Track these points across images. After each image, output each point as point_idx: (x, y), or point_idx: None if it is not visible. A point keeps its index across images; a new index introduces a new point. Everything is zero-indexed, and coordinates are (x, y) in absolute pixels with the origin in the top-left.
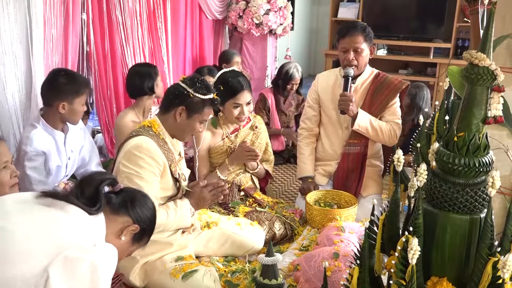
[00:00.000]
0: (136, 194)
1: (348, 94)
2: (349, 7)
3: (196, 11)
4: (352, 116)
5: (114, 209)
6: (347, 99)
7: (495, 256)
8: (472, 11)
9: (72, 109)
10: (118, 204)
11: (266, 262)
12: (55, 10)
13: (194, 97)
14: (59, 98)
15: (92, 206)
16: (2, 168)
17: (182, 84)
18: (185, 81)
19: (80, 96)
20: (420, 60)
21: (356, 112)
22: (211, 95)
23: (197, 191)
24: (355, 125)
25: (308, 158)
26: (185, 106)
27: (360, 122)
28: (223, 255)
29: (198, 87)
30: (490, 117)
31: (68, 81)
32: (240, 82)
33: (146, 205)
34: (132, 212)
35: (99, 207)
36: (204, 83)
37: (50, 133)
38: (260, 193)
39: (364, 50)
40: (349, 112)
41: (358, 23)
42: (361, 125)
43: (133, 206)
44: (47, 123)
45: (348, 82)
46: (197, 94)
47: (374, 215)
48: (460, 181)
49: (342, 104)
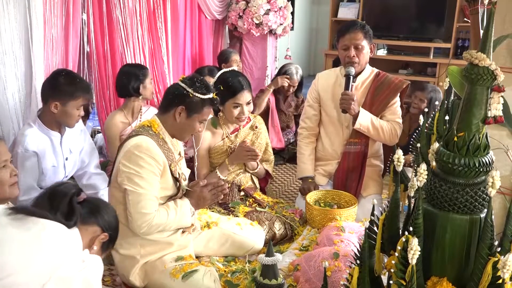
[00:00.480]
0: (99, 202)
1: (349, 93)
2: (349, 7)
3: (195, 11)
4: (354, 115)
5: (82, 220)
6: (349, 98)
7: (495, 256)
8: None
9: (64, 111)
10: (86, 214)
11: (266, 262)
12: (55, 10)
13: (193, 96)
14: (52, 97)
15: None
16: (2, 167)
17: (182, 84)
18: (185, 81)
19: (75, 100)
20: (420, 60)
21: (358, 111)
22: (211, 94)
23: (197, 191)
24: (356, 124)
25: (308, 158)
26: (184, 106)
27: (362, 121)
28: (223, 255)
29: (197, 87)
30: (490, 117)
31: (66, 82)
32: (240, 82)
33: (111, 212)
34: (101, 221)
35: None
36: (204, 82)
37: (46, 133)
38: (260, 193)
39: (365, 47)
40: (351, 111)
41: (357, 21)
42: (363, 124)
43: (101, 215)
44: (43, 123)
45: (349, 81)
46: (197, 93)
47: (374, 215)
48: (460, 181)
49: (344, 103)
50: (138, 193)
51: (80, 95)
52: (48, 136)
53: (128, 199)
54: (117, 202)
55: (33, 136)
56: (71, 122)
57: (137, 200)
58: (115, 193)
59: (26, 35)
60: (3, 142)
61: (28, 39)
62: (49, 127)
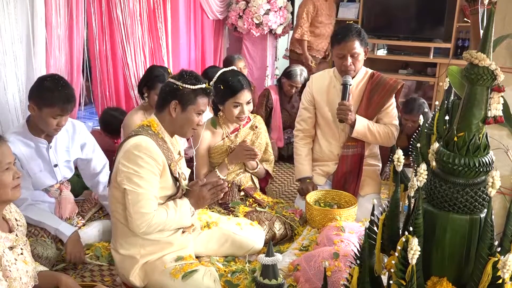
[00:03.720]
0: None
1: (347, 103)
2: (349, 7)
3: (198, 11)
4: (350, 124)
5: None
6: (346, 108)
7: (495, 256)
8: (472, 11)
9: (39, 116)
10: None
11: (266, 262)
12: (57, 10)
13: (184, 89)
14: (31, 98)
15: None
16: (5, 170)
17: (171, 80)
18: (174, 76)
19: (50, 108)
20: (420, 60)
21: (354, 119)
22: (201, 84)
23: (196, 190)
24: (353, 133)
25: (305, 158)
26: (177, 100)
27: (359, 129)
28: (223, 255)
29: (186, 79)
30: (490, 117)
31: (46, 87)
32: (240, 81)
33: None
34: None
35: None
36: (193, 74)
37: (30, 138)
38: (260, 193)
39: (360, 53)
40: (348, 121)
41: (352, 26)
42: (359, 131)
43: None
44: (30, 127)
45: (346, 90)
46: (186, 85)
47: (374, 215)
48: (460, 181)
49: (341, 113)
50: (137, 193)
51: (56, 104)
52: (33, 142)
53: (127, 199)
54: (116, 201)
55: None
56: (48, 130)
57: (136, 200)
58: (115, 192)
59: (26, 35)
60: (7, 144)
61: (29, 39)
62: (35, 133)
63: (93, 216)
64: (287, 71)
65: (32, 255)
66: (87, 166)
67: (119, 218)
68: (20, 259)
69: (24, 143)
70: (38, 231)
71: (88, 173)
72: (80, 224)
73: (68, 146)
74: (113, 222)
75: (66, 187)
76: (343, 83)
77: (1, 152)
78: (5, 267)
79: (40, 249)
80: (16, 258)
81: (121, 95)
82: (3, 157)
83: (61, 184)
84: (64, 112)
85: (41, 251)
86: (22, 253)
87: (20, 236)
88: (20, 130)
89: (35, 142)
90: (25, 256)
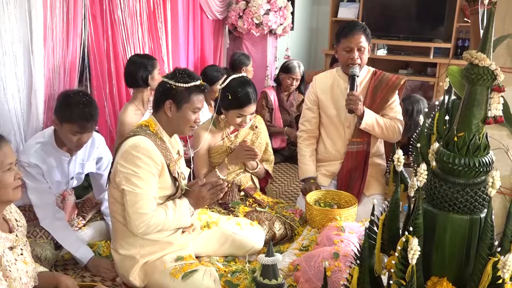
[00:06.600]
0: None
1: (356, 94)
2: (349, 7)
3: (197, 11)
4: (359, 115)
5: None
6: (356, 99)
7: (495, 256)
8: (472, 11)
9: (61, 131)
10: None
11: (266, 262)
12: (57, 10)
13: (177, 87)
14: (55, 112)
15: None
16: (6, 170)
17: (165, 79)
18: (167, 76)
19: (69, 124)
20: (420, 60)
21: (363, 110)
22: (195, 82)
23: (195, 190)
24: (362, 123)
25: (309, 159)
26: (171, 99)
27: (367, 120)
28: (223, 255)
29: (179, 77)
30: (490, 117)
31: (68, 102)
32: (248, 95)
33: None
34: None
35: None
36: (186, 71)
37: (55, 149)
38: (260, 193)
39: (366, 48)
40: (358, 111)
41: (358, 22)
42: (368, 123)
43: None
44: (56, 138)
45: (354, 81)
46: (179, 83)
47: (374, 215)
48: (460, 181)
49: (351, 103)
50: (135, 193)
51: (75, 121)
52: (57, 153)
53: (126, 200)
54: (115, 201)
55: (39, 151)
56: (69, 144)
57: (135, 200)
58: (114, 192)
59: (26, 35)
60: (9, 144)
61: (29, 39)
62: (59, 145)
63: (93, 216)
64: (285, 66)
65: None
66: (97, 180)
67: (118, 218)
68: (20, 259)
69: (48, 154)
70: (37, 231)
71: (97, 185)
72: (80, 224)
73: (83, 159)
74: (113, 222)
75: (69, 193)
76: (350, 74)
77: (3, 153)
78: (5, 267)
79: (39, 250)
80: (16, 259)
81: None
82: (5, 157)
83: (65, 191)
84: (83, 129)
85: (40, 252)
86: (22, 253)
87: (20, 237)
88: (47, 140)
89: (59, 154)
90: (25, 257)
